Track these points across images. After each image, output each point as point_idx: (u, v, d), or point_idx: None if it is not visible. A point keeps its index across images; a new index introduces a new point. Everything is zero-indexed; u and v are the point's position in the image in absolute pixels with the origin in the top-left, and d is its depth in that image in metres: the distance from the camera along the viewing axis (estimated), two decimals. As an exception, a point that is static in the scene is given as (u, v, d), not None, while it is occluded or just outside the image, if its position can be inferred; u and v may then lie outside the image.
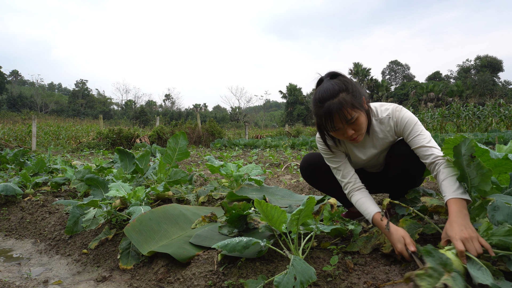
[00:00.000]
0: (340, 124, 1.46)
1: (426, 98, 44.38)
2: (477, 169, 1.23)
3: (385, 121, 1.61)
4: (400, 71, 64.88)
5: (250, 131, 21.90)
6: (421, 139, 1.50)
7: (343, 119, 1.43)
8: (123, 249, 1.80)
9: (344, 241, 1.64)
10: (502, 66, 52.58)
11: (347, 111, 1.42)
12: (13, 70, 70.85)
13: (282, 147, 10.75)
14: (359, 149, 1.69)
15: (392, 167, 1.69)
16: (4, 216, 2.87)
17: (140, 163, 2.95)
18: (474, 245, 1.15)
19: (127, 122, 36.78)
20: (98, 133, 13.36)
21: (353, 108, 1.43)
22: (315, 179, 1.92)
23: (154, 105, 63.38)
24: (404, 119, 1.56)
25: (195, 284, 1.37)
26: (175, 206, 2.11)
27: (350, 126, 1.47)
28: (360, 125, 1.48)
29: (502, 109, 16.11)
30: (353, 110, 1.43)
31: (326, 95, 1.44)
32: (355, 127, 1.47)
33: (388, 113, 1.61)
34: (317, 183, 1.94)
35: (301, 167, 1.94)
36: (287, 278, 1.11)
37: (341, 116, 1.42)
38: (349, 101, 1.42)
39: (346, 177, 1.67)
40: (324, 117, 1.46)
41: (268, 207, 1.32)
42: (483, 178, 1.22)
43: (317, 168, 1.86)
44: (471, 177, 1.28)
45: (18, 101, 48.64)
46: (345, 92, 1.44)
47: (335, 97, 1.43)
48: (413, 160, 1.56)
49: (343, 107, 1.41)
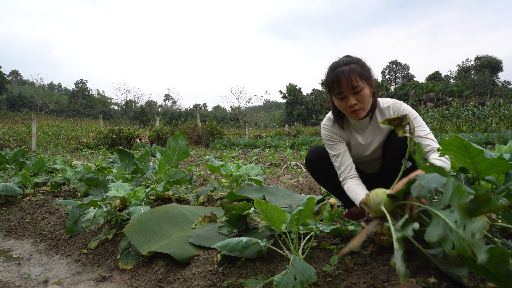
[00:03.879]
0: (346, 91, 1.54)
1: (426, 98, 44.40)
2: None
3: (386, 111, 1.70)
4: (400, 71, 64.89)
5: (250, 131, 21.90)
6: (420, 130, 1.57)
7: (349, 84, 1.51)
8: (123, 249, 1.80)
9: (344, 241, 1.64)
10: (501, 66, 52.60)
11: (355, 78, 1.51)
12: (13, 70, 70.87)
13: (282, 147, 10.74)
14: (360, 134, 1.76)
15: (389, 152, 1.70)
16: (4, 216, 2.87)
17: (140, 163, 2.95)
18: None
19: (127, 122, 36.78)
20: (98, 133, 13.35)
21: (360, 77, 1.53)
22: (321, 169, 1.90)
23: (154, 105, 63.37)
24: (405, 111, 1.65)
25: (195, 284, 1.37)
26: (175, 206, 2.11)
27: (355, 96, 1.55)
28: (364, 97, 1.56)
29: (502, 109, 16.12)
30: (360, 80, 1.53)
31: (339, 63, 1.57)
32: (359, 97, 1.55)
33: (389, 104, 1.70)
34: (322, 176, 1.93)
35: (307, 157, 1.93)
36: (287, 278, 1.11)
37: (348, 81, 1.51)
38: (358, 70, 1.53)
39: (343, 165, 1.74)
40: (332, 81, 1.55)
41: (268, 207, 1.32)
42: None
43: (324, 158, 1.87)
44: None
45: (18, 101, 48.62)
46: (356, 64, 1.55)
47: (347, 64, 1.54)
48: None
49: (352, 73, 1.51)
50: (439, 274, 1.22)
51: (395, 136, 1.68)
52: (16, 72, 72.02)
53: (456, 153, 1.38)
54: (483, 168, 1.37)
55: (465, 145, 1.30)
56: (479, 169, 1.39)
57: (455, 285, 1.16)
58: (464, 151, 1.33)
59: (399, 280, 1.22)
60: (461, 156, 1.37)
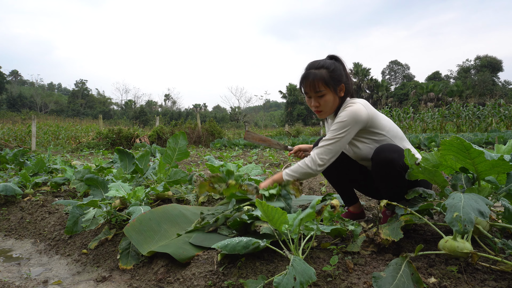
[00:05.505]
0: (310, 92, 1.68)
1: (426, 98, 44.39)
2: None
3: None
4: (400, 71, 64.88)
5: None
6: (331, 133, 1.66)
7: (312, 88, 1.65)
8: (123, 249, 1.80)
9: (344, 241, 1.64)
10: (502, 66, 52.54)
11: (318, 84, 1.63)
12: (12, 70, 70.85)
13: (282, 147, 10.73)
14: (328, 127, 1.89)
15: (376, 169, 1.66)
16: (3, 216, 2.87)
17: (140, 163, 2.95)
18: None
19: (126, 122, 36.76)
20: (97, 133, 13.34)
21: (325, 84, 1.64)
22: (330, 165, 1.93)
23: (154, 105, 63.33)
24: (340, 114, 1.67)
25: (195, 284, 1.36)
26: (175, 206, 2.10)
27: (317, 99, 1.68)
28: (325, 102, 1.68)
29: (502, 109, 16.12)
30: (324, 86, 1.64)
31: (312, 64, 1.69)
32: (320, 101, 1.68)
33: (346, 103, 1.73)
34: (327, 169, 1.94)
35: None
36: (287, 278, 1.11)
37: (311, 85, 1.65)
38: (325, 77, 1.64)
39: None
40: (301, 80, 1.70)
41: (269, 208, 1.31)
42: None
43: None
44: None
45: (18, 101, 48.62)
46: (327, 70, 1.65)
47: (317, 68, 1.65)
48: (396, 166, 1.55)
49: (316, 78, 1.63)
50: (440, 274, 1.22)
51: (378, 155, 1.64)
52: (16, 72, 72.00)
53: (456, 154, 1.38)
54: (484, 169, 1.37)
55: (465, 146, 1.30)
56: (480, 169, 1.39)
57: (455, 285, 1.16)
58: (465, 152, 1.34)
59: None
60: (462, 156, 1.37)
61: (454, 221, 1.10)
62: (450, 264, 1.30)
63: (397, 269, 1.10)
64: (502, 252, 1.37)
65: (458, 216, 1.10)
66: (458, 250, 1.23)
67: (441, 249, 1.30)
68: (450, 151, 1.38)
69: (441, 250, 1.30)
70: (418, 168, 1.45)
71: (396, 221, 1.51)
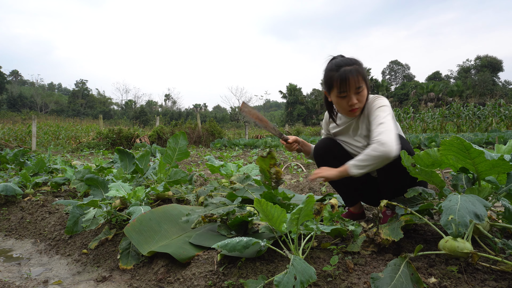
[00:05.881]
0: (351, 90, 1.61)
1: (426, 98, 44.35)
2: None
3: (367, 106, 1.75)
4: (400, 71, 64.86)
5: (250, 131, 21.88)
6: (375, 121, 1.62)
7: (356, 83, 1.59)
8: (123, 249, 1.80)
9: (344, 241, 1.64)
10: (502, 66, 52.53)
11: (359, 78, 1.60)
12: (13, 70, 70.87)
13: (282, 147, 10.74)
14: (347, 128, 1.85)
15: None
16: (4, 216, 2.87)
17: (140, 163, 2.95)
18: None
19: (127, 122, 36.76)
20: (98, 133, 13.34)
21: (363, 78, 1.62)
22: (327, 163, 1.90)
23: (154, 105, 63.33)
24: (372, 104, 1.68)
25: (195, 284, 1.36)
26: (175, 206, 2.10)
27: (356, 96, 1.63)
28: (363, 97, 1.65)
29: (502, 109, 16.11)
30: (363, 81, 1.62)
31: (343, 62, 1.63)
32: (359, 97, 1.64)
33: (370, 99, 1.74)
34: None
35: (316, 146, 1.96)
36: (287, 278, 1.11)
37: (356, 81, 1.59)
38: (361, 72, 1.62)
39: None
40: (340, 79, 1.60)
41: (268, 207, 1.31)
42: None
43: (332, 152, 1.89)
44: None
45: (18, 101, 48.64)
46: (359, 65, 1.64)
47: (351, 65, 1.62)
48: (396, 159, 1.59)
49: (358, 74, 1.60)
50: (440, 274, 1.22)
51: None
52: (16, 72, 72.01)
53: (456, 154, 1.38)
54: (484, 169, 1.37)
55: (465, 146, 1.30)
56: (480, 169, 1.39)
57: (455, 285, 1.16)
58: (465, 152, 1.33)
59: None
60: (462, 156, 1.37)
61: (449, 224, 1.11)
62: (450, 264, 1.30)
63: (396, 269, 1.10)
64: (502, 252, 1.37)
65: (453, 219, 1.10)
66: (458, 250, 1.23)
67: (441, 249, 1.30)
68: (450, 151, 1.38)
69: (441, 250, 1.30)
70: (415, 170, 1.45)
71: (397, 221, 1.51)
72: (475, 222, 1.10)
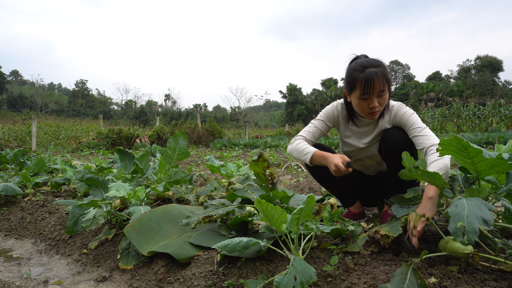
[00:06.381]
0: (374, 93, 1.57)
1: (426, 98, 44.34)
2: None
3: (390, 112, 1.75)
4: (400, 71, 64.86)
5: (250, 131, 21.89)
6: (415, 127, 1.64)
7: (381, 85, 1.56)
8: (123, 249, 1.80)
9: (344, 241, 1.64)
10: (502, 66, 52.51)
11: (384, 82, 1.56)
12: (13, 70, 70.85)
13: (282, 147, 10.74)
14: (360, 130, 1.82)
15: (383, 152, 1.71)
16: (4, 216, 2.87)
17: (140, 163, 2.95)
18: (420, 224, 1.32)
19: (127, 122, 36.75)
20: (98, 133, 13.34)
21: (387, 81, 1.59)
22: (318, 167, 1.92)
23: (154, 105, 63.31)
24: (402, 111, 1.70)
25: (195, 284, 1.36)
26: (175, 206, 2.10)
27: (378, 99, 1.60)
28: (385, 101, 1.63)
29: (503, 109, 16.10)
30: (387, 84, 1.59)
31: (369, 63, 1.58)
32: (381, 100, 1.61)
33: (393, 106, 1.75)
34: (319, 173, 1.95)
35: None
36: (287, 278, 1.11)
37: (379, 83, 1.55)
38: (386, 74, 1.58)
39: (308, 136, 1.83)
40: (365, 81, 1.55)
41: (268, 207, 1.31)
42: None
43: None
44: None
45: (18, 101, 48.63)
46: (383, 68, 1.59)
47: (377, 67, 1.57)
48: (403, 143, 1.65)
49: (383, 76, 1.56)
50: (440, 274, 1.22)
51: (389, 135, 1.71)
52: (17, 72, 72.00)
53: (455, 153, 1.38)
54: (483, 168, 1.37)
55: (463, 145, 1.30)
56: (479, 169, 1.39)
57: (455, 285, 1.16)
58: (463, 151, 1.33)
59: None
60: (461, 156, 1.37)
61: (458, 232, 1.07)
62: (451, 264, 1.30)
63: (403, 278, 1.08)
64: (502, 252, 1.37)
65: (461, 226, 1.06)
66: (459, 251, 1.23)
67: (441, 250, 1.30)
68: (449, 150, 1.37)
69: (442, 251, 1.30)
70: (417, 172, 1.45)
71: (396, 220, 1.52)
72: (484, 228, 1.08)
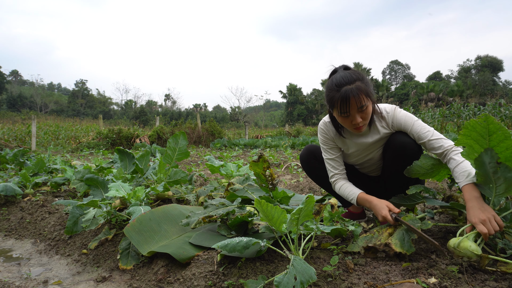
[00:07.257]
0: (352, 110, 1.55)
1: (426, 98, 44.33)
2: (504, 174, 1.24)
3: (385, 118, 1.72)
4: (401, 71, 64.86)
5: (250, 131, 21.88)
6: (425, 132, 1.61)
7: (358, 103, 1.52)
8: (123, 249, 1.80)
9: (345, 241, 1.64)
10: (502, 66, 52.48)
11: (362, 97, 1.53)
12: (12, 70, 70.80)
13: (282, 147, 10.74)
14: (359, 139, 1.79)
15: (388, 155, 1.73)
16: (3, 216, 2.87)
17: (140, 163, 2.95)
18: (492, 224, 1.27)
19: (127, 122, 36.72)
20: (97, 133, 13.34)
21: (366, 96, 1.54)
22: (313, 168, 1.96)
23: (154, 105, 63.27)
24: (402, 118, 1.67)
25: (195, 284, 1.36)
26: (175, 206, 2.10)
27: (360, 114, 1.57)
28: (367, 114, 1.59)
29: (503, 109, 16.10)
30: (366, 98, 1.54)
31: (344, 81, 1.54)
32: (363, 115, 1.58)
33: (387, 111, 1.72)
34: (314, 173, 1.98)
35: (301, 155, 2.02)
36: (287, 278, 1.11)
37: (357, 101, 1.52)
38: (364, 89, 1.53)
39: (337, 169, 1.82)
40: (341, 101, 1.54)
41: (268, 207, 1.31)
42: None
43: (316, 157, 1.94)
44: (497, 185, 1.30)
45: (18, 101, 48.62)
46: (360, 81, 1.55)
47: (352, 83, 1.53)
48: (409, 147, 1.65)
49: (360, 93, 1.51)
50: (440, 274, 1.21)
51: (393, 139, 1.70)
52: (16, 72, 71.97)
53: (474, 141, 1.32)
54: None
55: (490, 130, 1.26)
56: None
57: (456, 285, 1.16)
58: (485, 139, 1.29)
59: (399, 281, 1.21)
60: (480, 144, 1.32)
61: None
62: (451, 264, 1.30)
63: None
64: (502, 252, 1.37)
65: None
66: (470, 250, 1.23)
67: (451, 248, 1.29)
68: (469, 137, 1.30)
69: (451, 251, 1.29)
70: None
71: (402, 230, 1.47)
72: None
